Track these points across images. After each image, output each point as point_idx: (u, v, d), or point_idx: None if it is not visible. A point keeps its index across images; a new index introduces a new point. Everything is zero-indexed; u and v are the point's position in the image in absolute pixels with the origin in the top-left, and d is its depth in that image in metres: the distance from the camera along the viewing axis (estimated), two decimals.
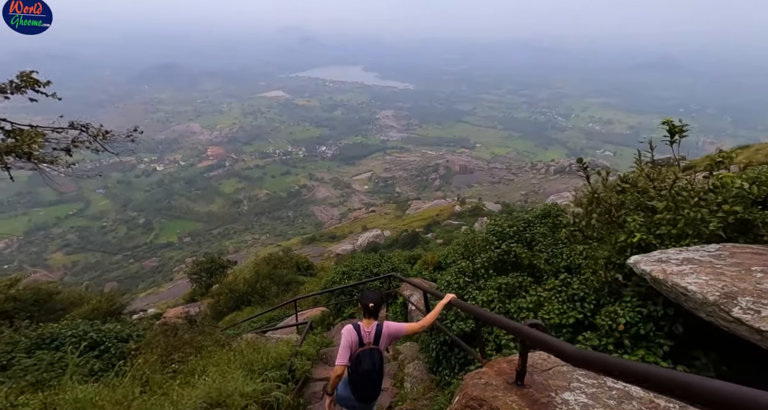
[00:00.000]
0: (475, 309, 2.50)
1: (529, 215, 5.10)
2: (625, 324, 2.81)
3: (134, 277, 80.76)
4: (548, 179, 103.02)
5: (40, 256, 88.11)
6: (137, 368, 4.25)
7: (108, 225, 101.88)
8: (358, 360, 2.68)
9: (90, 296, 14.34)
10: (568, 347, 1.31)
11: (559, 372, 1.94)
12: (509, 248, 4.27)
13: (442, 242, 41.16)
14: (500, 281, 3.92)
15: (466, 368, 3.67)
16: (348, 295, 9.37)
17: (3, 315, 9.97)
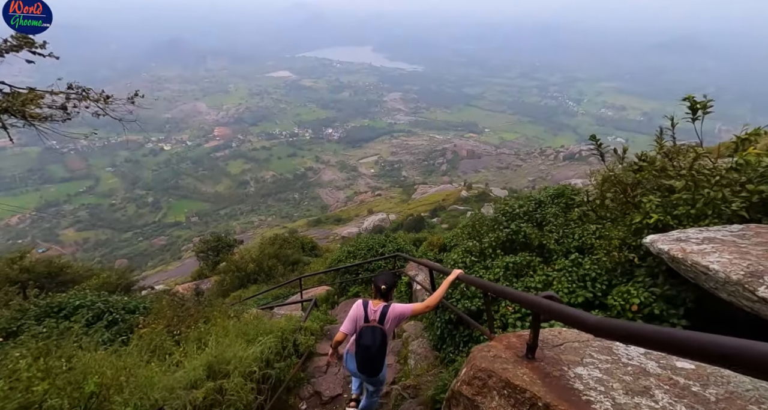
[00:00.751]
0: (485, 283, 2.43)
1: (541, 195, 4.97)
2: (638, 305, 2.73)
3: (143, 255, 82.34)
4: (557, 165, 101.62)
5: (53, 232, 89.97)
6: (144, 337, 4.31)
7: (117, 203, 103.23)
8: (361, 335, 2.80)
9: (100, 271, 14.66)
10: (590, 316, 1.23)
11: (571, 348, 1.88)
12: (518, 228, 4.17)
13: (448, 226, 41.16)
14: (508, 261, 3.85)
15: (470, 345, 3.64)
16: (353, 274, 9.41)
17: (17, 285, 10.24)
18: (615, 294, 2.96)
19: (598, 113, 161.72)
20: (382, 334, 2.78)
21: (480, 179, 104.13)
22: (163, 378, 2.82)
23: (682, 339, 0.83)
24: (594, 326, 1.19)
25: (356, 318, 2.86)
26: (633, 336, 1.02)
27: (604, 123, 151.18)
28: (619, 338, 1.10)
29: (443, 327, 4.06)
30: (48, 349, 3.12)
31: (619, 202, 3.72)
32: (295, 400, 3.93)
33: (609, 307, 2.96)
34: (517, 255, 3.92)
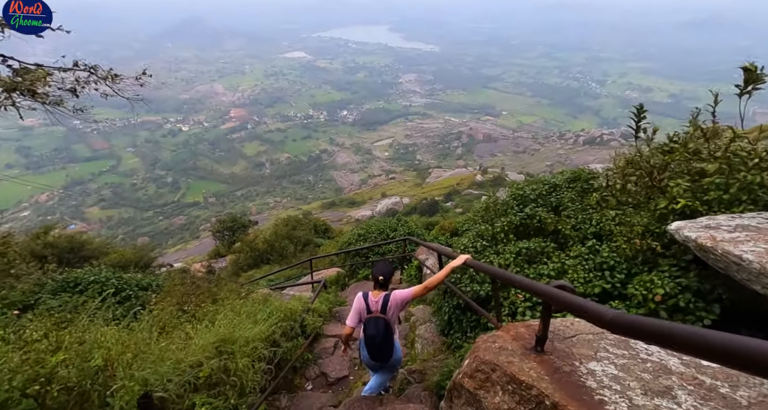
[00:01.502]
0: (493, 270, 2.30)
1: (557, 178, 4.73)
2: (662, 295, 2.56)
3: (164, 233, 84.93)
4: (576, 149, 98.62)
5: (79, 209, 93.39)
6: (155, 314, 4.37)
7: (138, 183, 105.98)
8: (366, 326, 2.94)
9: (119, 248, 15.14)
10: (607, 310, 1.09)
11: (584, 340, 1.75)
12: (533, 213, 3.97)
13: (462, 211, 40.80)
14: (520, 246, 3.69)
15: (478, 331, 3.55)
16: (363, 257, 9.40)
17: (41, 260, 10.66)
18: (636, 283, 2.79)
19: (623, 94, 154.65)
20: (385, 323, 2.88)
21: (496, 163, 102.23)
22: (170, 354, 2.83)
23: (726, 345, 0.69)
24: (611, 321, 1.05)
25: (359, 311, 2.99)
26: (661, 336, 0.88)
27: (628, 105, 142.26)
28: (643, 337, 0.96)
29: (451, 313, 3.97)
30: (60, 323, 3.16)
31: (643, 186, 3.48)
32: (301, 380, 3.96)
33: (629, 297, 2.79)
34: (530, 241, 3.75)
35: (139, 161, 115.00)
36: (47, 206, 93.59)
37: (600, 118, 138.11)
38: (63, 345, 2.48)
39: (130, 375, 2.48)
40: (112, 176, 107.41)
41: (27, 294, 4.56)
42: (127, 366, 2.61)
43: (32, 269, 5.67)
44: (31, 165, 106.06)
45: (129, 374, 2.49)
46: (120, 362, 2.58)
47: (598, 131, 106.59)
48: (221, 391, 2.78)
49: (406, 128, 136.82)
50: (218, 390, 2.78)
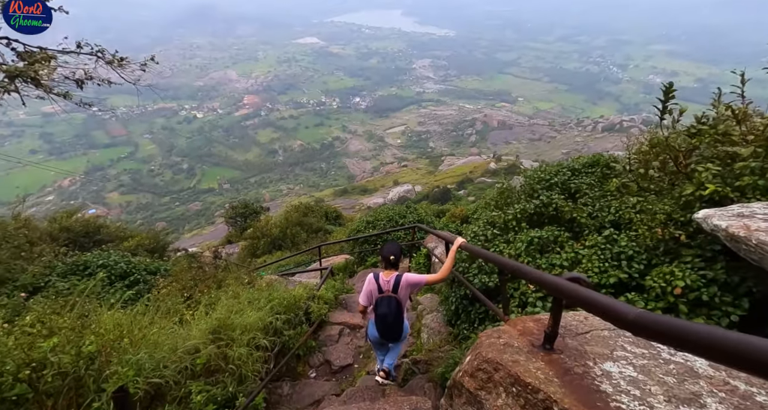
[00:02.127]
0: (497, 258, 2.13)
1: (576, 163, 4.47)
2: (683, 288, 2.36)
3: (180, 219, 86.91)
4: (594, 137, 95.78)
5: (100, 195, 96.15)
6: (160, 299, 4.38)
7: (155, 169, 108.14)
8: (377, 305, 2.99)
9: (135, 232, 15.44)
10: (630, 309, 0.93)
11: (598, 337, 1.59)
12: (549, 200, 3.75)
13: (474, 199, 40.34)
14: (533, 235, 3.49)
15: (486, 323, 3.42)
16: (372, 244, 9.31)
17: (59, 243, 10.93)
18: (655, 275, 2.59)
19: (646, 79, 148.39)
20: (397, 302, 2.95)
21: (510, 151, 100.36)
22: (167, 340, 2.79)
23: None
24: (635, 322, 0.89)
25: (370, 291, 3.04)
26: (695, 341, 0.72)
27: (652, 91, 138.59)
28: (671, 341, 0.80)
29: (458, 303, 3.84)
30: (64, 306, 3.15)
31: (667, 171, 3.23)
32: (305, 368, 3.92)
33: (646, 289, 2.60)
34: (544, 229, 3.56)
35: (156, 148, 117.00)
36: (70, 191, 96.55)
37: (620, 104, 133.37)
38: (57, 330, 2.45)
39: (127, 360, 2.44)
40: (131, 163, 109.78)
41: (37, 277, 4.63)
42: (122, 352, 2.57)
43: (43, 252, 5.76)
44: (54, 151, 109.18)
45: (125, 359, 2.45)
46: (114, 347, 2.55)
47: (617, 118, 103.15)
48: (219, 379, 2.73)
49: (419, 114, 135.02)
50: (216, 378, 2.74)
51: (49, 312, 2.99)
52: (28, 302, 3.68)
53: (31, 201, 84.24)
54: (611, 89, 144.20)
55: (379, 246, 9.20)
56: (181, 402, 2.54)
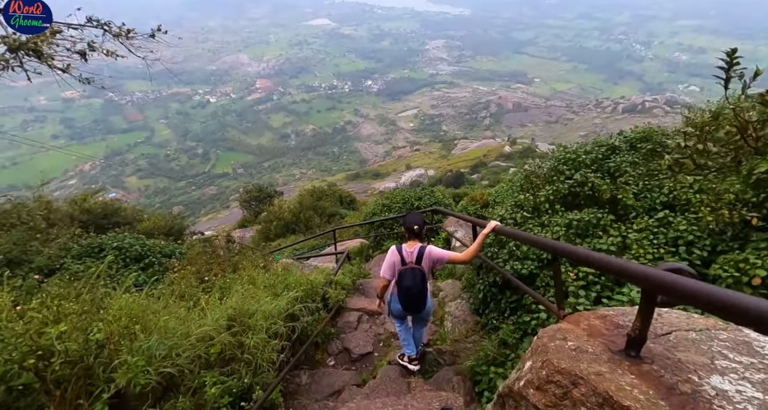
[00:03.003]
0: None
1: (615, 140, 4.07)
2: (763, 278, 2.04)
3: (197, 202, 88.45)
4: (614, 118, 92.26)
5: (119, 179, 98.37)
6: (175, 282, 4.25)
7: (171, 154, 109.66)
8: (401, 277, 2.92)
9: (151, 215, 15.59)
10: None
11: (686, 340, 1.31)
12: (585, 179, 3.40)
13: (488, 183, 39.60)
14: (571, 218, 3.17)
15: (519, 313, 3.16)
16: (388, 228, 9.07)
17: (80, 225, 11.09)
18: (724, 263, 2.27)
19: (671, 57, 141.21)
20: (421, 274, 2.90)
21: (526, 133, 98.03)
22: (181, 326, 2.62)
23: None
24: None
25: (394, 263, 2.97)
26: None
27: (677, 69, 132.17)
28: None
29: (486, 290, 3.58)
30: (74, 289, 3.00)
31: (732, 146, 2.84)
32: (323, 356, 3.76)
33: (713, 279, 2.28)
34: (583, 212, 3.22)
35: (171, 133, 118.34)
36: (91, 175, 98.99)
37: (643, 83, 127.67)
38: (64, 316, 2.29)
39: (137, 348, 2.28)
40: (147, 147, 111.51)
41: (53, 259, 4.57)
42: (132, 339, 2.41)
43: (60, 233, 5.72)
44: (75, 136, 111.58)
45: (136, 347, 2.29)
46: (124, 334, 2.39)
47: (639, 98, 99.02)
48: (235, 369, 2.56)
49: (432, 97, 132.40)
50: (232, 368, 2.57)
51: (58, 295, 2.85)
52: (42, 285, 3.57)
53: (55, 185, 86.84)
54: (633, 68, 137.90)
55: (396, 230, 8.97)
56: (195, 393, 2.38)
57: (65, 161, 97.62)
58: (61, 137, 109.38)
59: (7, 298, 2.37)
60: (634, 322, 1.17)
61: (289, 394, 3.11)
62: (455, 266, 5.94)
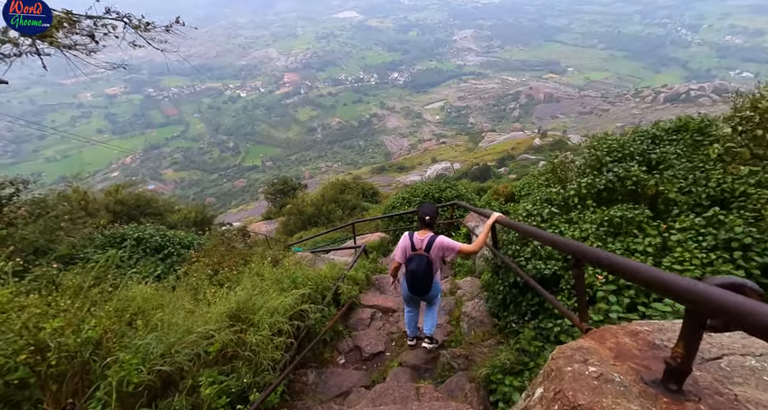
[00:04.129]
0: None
1: (656, 128, 3.65)
2: None
3: (227, 194, 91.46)
4: (655, 108, 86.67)
5: (157, 171, 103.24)
6: (190, 274, 4.26)
7: (204, 147, 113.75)
8: (409, 261, 3.16)
9: (182, 206, 16.15)
10: None
11: (742, 367, 1.05)
12: (626, 173, 3.04)
13: (516, 177, 38.43)
14: (611, 214, 2.83)
15: (541, 317, 2.89)
16: (408, 221, 8.86)
17: (113, 215, 11.61)
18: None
19: (721, 41, 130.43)
20: (427, 260, 3.09)
21: (557, 125, 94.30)
22: (184, 321, 2.56)
23: None
24: None
25: (404, 248, 3.18)
26: None
27: (728, 54, 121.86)
28: None
29: (506, 292, 3.32)
30: (82, 281, 3.01)
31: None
32: (333, 354, 3.64)
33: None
34: (617, 208, 2.88)
35: (204, 127, 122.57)
36: (132, 167, 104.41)
37: (688, 71, 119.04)
38: (60, 311, 2.26)
39: (133, 346, 2.22)
40: (182, 141, 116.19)
41: (77, 248, 4.71)
42: (132, 334, 2.35)
43: (86, 223, 5.93)
44: (117, 130, 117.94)
45: (133, 343, 2.23)
46: (123, 330, 2.34)
47: (684, 86, 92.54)
48: (236, 367, 2.46)
49: (459, 89, 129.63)
50: (233, 366, 2.47)
51: (61, 288, 2.86)
52: (60, 274, 3.64)
53: (100, 177, 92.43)
54: (678, 54, 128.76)
55: (416, 224, 8.76)
56: (194, 391, 2.31)
57: (109, 154, 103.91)
58: (105, 131, 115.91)
59: (6, 291, 2.38)
60: (675, 347, 0.92)
61: (295, 394, 3.01)
62: (474, 262, 5.72)
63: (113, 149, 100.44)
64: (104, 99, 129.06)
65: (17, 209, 4.73)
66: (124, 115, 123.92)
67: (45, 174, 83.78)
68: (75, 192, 11.40)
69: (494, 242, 3.60)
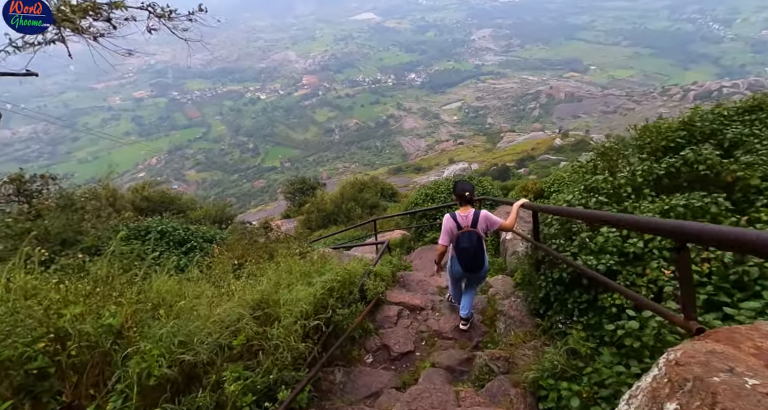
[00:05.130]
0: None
1: (721, 108, 3.28)
2: None
3: (247, 195, 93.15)
4: (683, 106, 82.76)
5: (180, 172, 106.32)
6: (213, 265, 4.16)
7: (225, 149, 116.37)
8: (458, 240, 3.18)
9: (204, 205, 16.43)
10: None
11: None
12: (697, 155, 2.70)
13: (536, 178, 37.45)
14: (667, 204, 2.54)
15: (592, 315, 2.61)
16: (431, 218, 8.60)
17: (139, 211, 11.92)
18: None
19: (757, 35, 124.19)
20: (477, 236, 3.18)
21: (579, 125, 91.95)
22: (206, 310, 2.41)
23: None
24: None
25: (450, 229, 3.23)
26: None
27: (764, 49, 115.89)
28: None
29: (549, 288, 3.04)
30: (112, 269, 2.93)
31: None
32: (360, 352, 3.44)
33: None
34: (686, 196, 2.56)
35: (225, 128, 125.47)
36: (157, 168, 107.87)
37: (719, 67, 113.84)
38: (82, 297, 2.14)
39: (153, 335, 2.07)
40: (204, 143, 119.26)
41: (103, 239, 4.70)
42: (143, 326, 2.20)
43: (111, 216, 5.96)
44: (143, 132, 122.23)
45: (153, 333, 2.08)
46: (144, 319, 2.20)
47: (716, 84, 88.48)
48: (260, 362, 2.29)
49: (477, 89, 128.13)
50: (258, 361, 2.30)
51: (82, 275, 2.77)
52: (87, 264, 3.59)
53: (128, 177, 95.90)
54: (709, 50, 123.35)
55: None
56: (218, 387, 2.14)
57: (136, 155, 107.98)
58: (132, 133, 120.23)
59: (30, 278, 2.28)
60: None
61: (322, 393, 2.82)
62: (505, 260, 5.48)
63: (140, 150, 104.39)
64: (132, 102, 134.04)
65: (45, 200, 4.77)
66: (150, 117, 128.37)
67: (77, 174, 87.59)
68: (104, 189, 11.76)
69: (536, 235, 3.33)
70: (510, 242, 5.54)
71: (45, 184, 5.71)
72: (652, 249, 2.41)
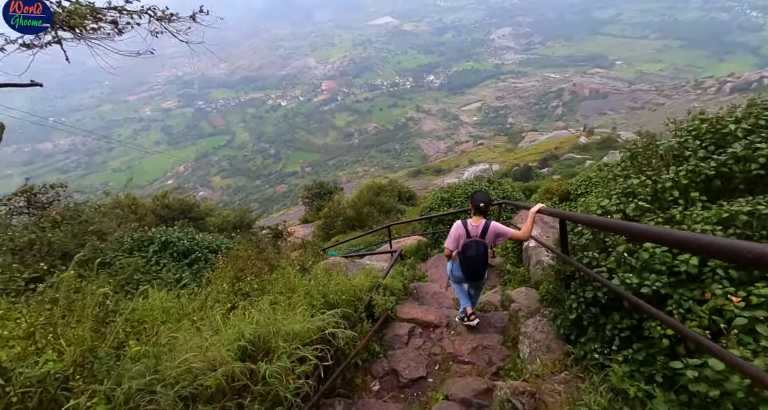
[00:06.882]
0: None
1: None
2: None
3: (270, 199, 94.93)
4: (719, 100, 78.39)
5: (206, 179, 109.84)
6: (214, 282, 3.92)
7: (248, 155, 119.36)
8: (466, 248, 3.25)
9: (221, 211, 16.51)
10: None
11: None
12: (750, 151, 2.22)
13: (561, 178, 36.15)
14: (732, 209, 2.07)
15: (638, 346, 2.16)
16: (447, 224, 8.17)
17: (160, 219, 12.05)
18: None
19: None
20: (484, 246, 3.25)
21: (605, 123, 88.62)
22: (184, 345, 2.12)
23: None
24: None
25: (458, 236, 3.30)
26: None
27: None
28: None
29: (581, 309, 2.60)
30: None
31: None
32: (365, 378, 3.09)
33: None
34: (748, 201, 2.10)
35: (248, 135, 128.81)
36: (184, 176, 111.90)
37: (759, 57, 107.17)
38: (18, 337, 1.86)
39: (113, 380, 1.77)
40: (228, 150, 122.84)
41: (104, 251, 4.57)
42: (89, 370, 1.89)
43: (118, 227, 5.89)
44: (171, 141, 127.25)
45: (110, 376, 1.78)
46: (90, 360, 1.88)
47: (755, 74, 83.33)
48: (241, 404, 1.97)
49: (497, 88, 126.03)
50: (238, 403, 1.98)
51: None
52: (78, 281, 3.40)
53: (157, 185, 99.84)
54: (746, 39, 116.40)
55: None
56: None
57: (165, 163, 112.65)
58: (161, 142, 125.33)
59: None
60: None
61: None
62: (529, 270, 5.00)
63: (168, 159, 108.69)
64: (161, 113, 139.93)
65: (52, 212, 4.72)
66: (178, 127, 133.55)
67: (111, 183, 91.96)
68: (127, 197, 12.02)
69: (564, 247, 2.88)
70: (533, 250, 5.05)
71: (56, 195, 5.68)
72: (714, 268, 1.95)
